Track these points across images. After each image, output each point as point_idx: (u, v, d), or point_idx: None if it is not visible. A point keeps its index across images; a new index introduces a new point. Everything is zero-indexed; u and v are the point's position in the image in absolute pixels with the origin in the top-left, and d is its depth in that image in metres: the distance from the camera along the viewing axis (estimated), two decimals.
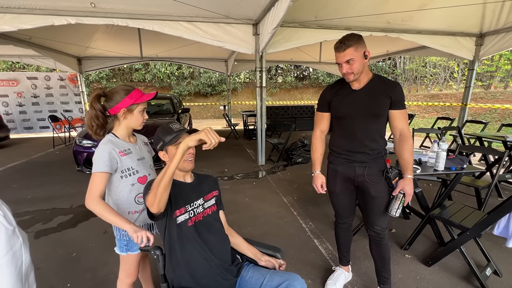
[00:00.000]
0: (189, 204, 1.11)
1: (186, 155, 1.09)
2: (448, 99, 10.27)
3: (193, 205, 1.12)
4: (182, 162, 1.08)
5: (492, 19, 4.48)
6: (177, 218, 1.05)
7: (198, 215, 1.12)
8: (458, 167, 2.01)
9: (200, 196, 1.16)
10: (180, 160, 0.91)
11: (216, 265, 1.08)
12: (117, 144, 1.18)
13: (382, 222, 1.51)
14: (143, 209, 1.24)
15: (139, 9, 3.70)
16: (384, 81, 1.44)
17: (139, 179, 1.23)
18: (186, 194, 1.12)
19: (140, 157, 1.26)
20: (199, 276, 1.05)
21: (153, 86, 14.23)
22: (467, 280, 1.82)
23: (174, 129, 1.10)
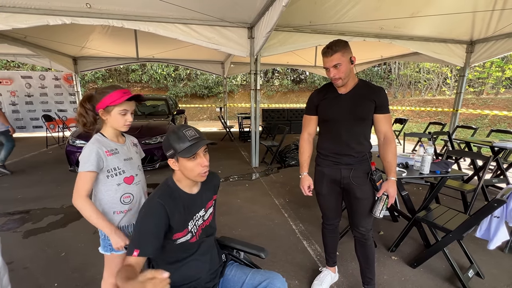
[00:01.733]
0: (192, 219, 1.05)
1: (201, 168, 0.99)
2: (441, 104, 10.44)
3: (195, 219, 1.06)
4: (196, 174, 1.00)
5: (482, 28, 4.59)
6: (176, 240, 1.01)
7: (199, 228, 1.08)
8: (443, 170, 2.06)
9: (202, 206, 1.11)
10: None
11: (208, 269, 1.09)
12: (104, 143, 1.18)
13: (367, 224, 1.54)
14: (128, 209, 1.24)
15: (135, 10, 3.72)
16: (369, 86, 1.48)
17: (125, 179, 1.23)
18: (192, 209, 1.05)
19: (128, 158, 1.26)
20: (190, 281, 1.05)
21: (150, 87, 14.23)
22: (450, 282, 1.86)
23: (189, 137, 0.96)
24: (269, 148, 5.07)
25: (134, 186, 1.26)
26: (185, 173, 1.00)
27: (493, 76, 10.88)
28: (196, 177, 1.01)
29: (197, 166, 0.98)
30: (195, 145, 0.96)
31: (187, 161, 0.97)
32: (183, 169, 0.99)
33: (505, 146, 3.14)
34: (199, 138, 0.99)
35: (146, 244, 0.92)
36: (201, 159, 0.99)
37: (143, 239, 0.93)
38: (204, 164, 1.00)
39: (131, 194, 1.24)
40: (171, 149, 0.98)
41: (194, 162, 0.98)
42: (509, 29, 4.38)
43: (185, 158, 0.96)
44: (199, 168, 0.99)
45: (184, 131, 0.98)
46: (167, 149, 0.99)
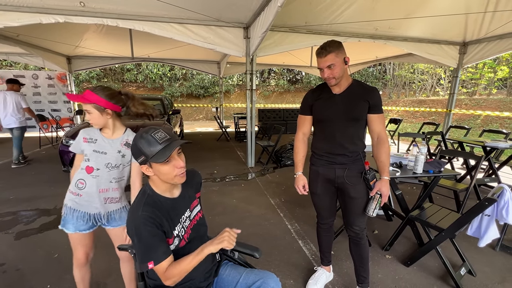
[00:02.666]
0: (178, 223, 1.02)
1: (176, 169, 0.95)
2: (435, 105, 10.57)
3: (181, 223, 1.03)
4: (173, 177, 0.96)
5: (474, 29, 4.66)
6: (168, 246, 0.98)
7: (186, 232, 1.05)
8: (435, 170, 2.09)
9: (187, 207, 1.08)
10: (200, 260, 0.94)
11: (202, 269, 1.09)
12: (89, 132, 1.34)
13: (361, 223, 1.56)
14: (78, 194, 1.32)
15: (130, 9, 3.69)
16: (363, 87, 1.49)
17: (87, 168, 1.32)
18: (177, 212, 1.03)
19: (100, 151, 1.32)
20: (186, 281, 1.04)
21: (145, 87, 14.13)
22: (443, 280, 1.88)
23: (159, 140, 0.91)
24: (265, 148, 5.07)
25: (90, 178, 1.32)
26: (161, 177, 0.96)
27: (485, 77, 11.05)
28: (173, 179, 0.96)
29: (172, 169, 0.94)
30: (168, 148, 0.91)
31: (161, 166, 0.92)
32: (158, 174, 0.95)
33: (496, 146, 3.19)
34: (171, 139, 0.93)
35: (155, 253, 0.91)
36: (175, 161, 0.95)
37: (149, 251, 0.91)
38: (179, 165, 0.95)
39: (85, 182, 1.32)
40: (141, 155, 0.92)
41: (168, 166, 0.93)
42: (501, 30, 4.46)
43: (158, 163, 0.91)
44: (175, 171, 0.94)
45: (153, 134, 0.92)
46: (137, 156, 0.94)
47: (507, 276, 1.93)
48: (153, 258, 0.90)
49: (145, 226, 0.91)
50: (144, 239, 0.91)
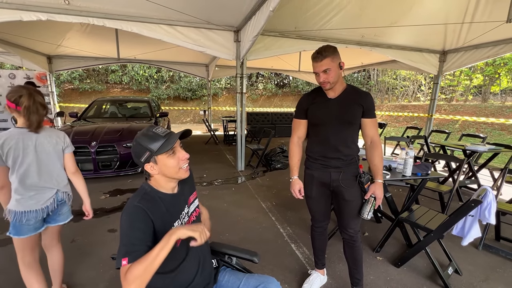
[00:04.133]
0: (178, 218, 1.01)
1: (181, 161, 0.98)
2: (416, 110, 11.02)
3: (180, 219, 1.03)
4: (178, 170, 0.98)
5: (453, 39, 4.92)
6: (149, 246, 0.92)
7: None
8: (423, 173, 2.16)
9: (185, 203, 1.09)
10: (169, 250, 0.83)
11: (198, 276, 1.05)
12: None
13: (355, 225, 1.58)
14: None
15: (117, 9, 3.60)
16: (357, 91, 1.53)
17: None
18: (176, 208, 1.02)
19: None
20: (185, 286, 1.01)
21: (130, 89, 13.76)
22: (431, 279, 1.94)
23: (161, 134, 0.95)
24: (255, 151, 5.07)
25: None
26: (167, 172, 0.97)
27: (462, 84, 11.67)
28: (179, 173, 0.99)
29: (177, 162, 0.97)
30: (172, 138, 0.94)
31: (167, 159, 0.95)
32: (164, 168, 0.96)
33: (476, 149, 3.36)
34: (171, 133, 0.98)
35: (133, 251, 0.84)
36: (180, 153, 0.99)
37: (128, 247, 0.85)
38: (185, 157, 0.99)
39: None
40: (146, 151, 0.94)
41: (174, 158, 0.97)
42: (477, 41, 4.73)
43: (165, 155, 0.94)
44: (181, 163, 0.98)
45: (154, 130, 0.96)
46: (141, 154, 0.94)
47: (490, 274, 2.02)
48: (129, 256, 0.83)
49: (135, 220, 0.88)
50: (129, 233, 0.87)
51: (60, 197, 1.51)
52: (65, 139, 1.52)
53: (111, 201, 3.25)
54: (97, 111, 5.49)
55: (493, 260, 2.20)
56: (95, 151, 3.80)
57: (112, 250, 2.23)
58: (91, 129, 4.17)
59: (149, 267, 0.81)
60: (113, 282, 1.86)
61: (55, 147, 1.46)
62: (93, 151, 3.79)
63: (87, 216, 1.65)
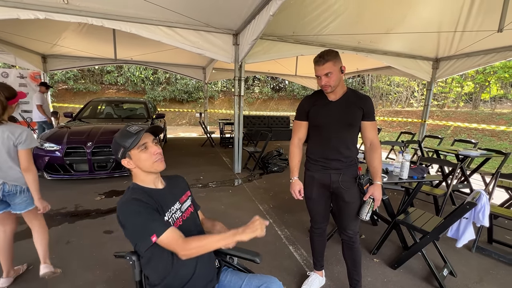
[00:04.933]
0: (168, 211, 1.05)
1: (154, 156, 1.05)
2: (410, 115, 11.22)
3: (171, 211, 1.07)
4: (152, 163, 1.05)
5: (446, 47, 5.06)
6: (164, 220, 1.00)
7: (178, 221, 1.08)
8: (419, 176, 2.21)
9: (176, 200, 1.13)
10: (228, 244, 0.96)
11: (201, 274, 1.06)
12: None
13: (355, 226, 1.60)
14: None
15: (117, 10, 3.60)
16: (357, 95, 1.56)
17: None
18: (163, 202, 1.06)
19: None
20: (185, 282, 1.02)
21: (126, 90, 13.66)
22: (427, 281, 1.97)
23: (133, 132, 1.03)
24: (252, 154, 5.08)
25: None
26: (141, 166, 1.05)
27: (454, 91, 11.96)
28: (153, 165, 1.06)
29: (150, 156, 1.05)
30: (139, 134, 1.03)
31: (140, 153, 1.04)
32: (138, 163, 1.04)
33: (469, 154, 3.44)
34: (142, 130, 1.05)
35: (156, 224, 0.93)
36: (152, 148, 1.06)
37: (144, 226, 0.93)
38: (156, 151, 1.06)
39: None
40: (120, 148, 1.03)
41: (146, 153, 1.05)
42: (469, 49, 4.87)
43: (137, 150, 1.03)
44: (153, 157, 1.05)
45: (128, 129, 1.05)
46: (117, 151, 1.04)
47: (484, 276, 2.07)
48: (155, 230, 0.92)
49: (139, 205, 0.95)
50: (141, 216, 0.93)
51: (8, 188, 1.61)
52: (21, 136, 1.59)
53: (106, 202, 3.21)
54: (92, 112, 5.44)
55: (486, 262, 2.24)
56: (90, 152, 3.76)
57: (109, 251, 2.21)
58: (87, 129, 4.12)
59: (205, 245, 0.94)
60: (110, 283, 1.84)
61: (3, 142, 1.55)
62: (89, 151, 3.74)
63: (39, 210, 1.72)
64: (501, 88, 10.58)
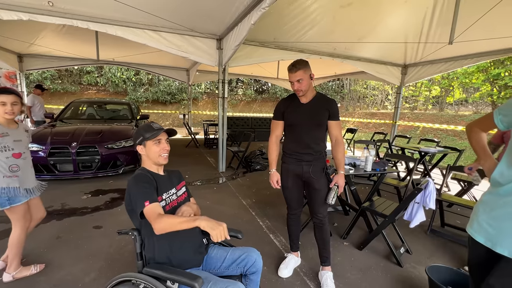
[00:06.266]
0: (166, 192, 1.28)
1: (162, 150, 1.31)
2: (384, 117, 11.94)
3: (168, 193, 1.29)
4: (158, 156, 1.31)
5: (412, 55, 5.57)
6: None
7: (173, 202, 1.30)
8: (381, 168, 2.53)
9: (173, 186, 1.36)
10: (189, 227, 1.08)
11: (190, 244, 1.26)
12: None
13: (324, 210, 1.87)
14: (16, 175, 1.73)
15: (103, 13, 3.68)
16: (325, 98, 1.84)
17: (14, 155, 1.74)
18: (162, 185, 1.29)
19: (17, 139, 1.77)
20: (177, 253, 1.22)
21: (107, 91, 13.37)
22: (387, 258, 2.29)
23: (154, 128, 1.31)
24: (236, 153, 5.29)
25: (21, 160, 1.78)
26: (150, 155, 1.30)
27: (423, 95, 12.88)
28: (159, 158, 1.31)
29: (159, 150, 1.31)
30: (159, 131, 1.30)
31: (153, 145, 1.29)
32: (149, 152, 1.30)
33: (428, 151, 3.88)
34: (162, 129, 1.33)
35: (150, 194, 1.15)
36: (163, 144, 1.32)
37: (145, 193, 1.15)
38: (165, 148, 1.32)
39: (18, 165, 1.75)
40: (140, 136, 1.29)
41: (158, 147, 1.30)
42: (431, 57, 5.41)
43: (151, 142, 1.29)
44: (162, 151, 1.31)
45: (152, 124, 1.34)
46: (137, 138, 1.30)
47: (435, 253, 2.42)
48: (149, 199, 1.13)
49: (143, 177, 1.22)
50: (141, 185, 1.18)
51: None
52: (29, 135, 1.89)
53: (93, 201, 3.28)
54: (74, 113, 5.40)
55: (438, 242, 2.61)
56: (75, 152, 3.80)
57: (101, 244, 2.33)
58: (71, 130, 4.14)
59: (173, 223, 1.08)
60: (103, 271, 1.97)
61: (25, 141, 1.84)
62: (74, 151, 3.78)
63: None
64: (463, 92, 11.57)
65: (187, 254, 1.24)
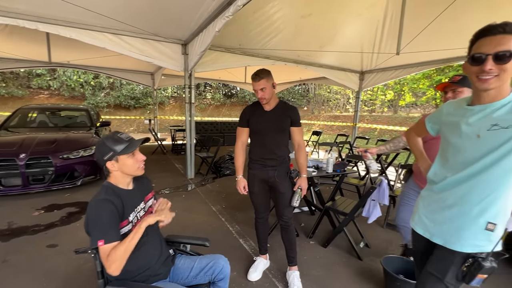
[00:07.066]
0: (133, 211, 1.20)
1: (139, 162, 1.23)
2: (346, 119, 12.74)
3: (135, 211, 1.22)
4: (136, 169, 1.22)
5: (368, 62, 6.05)
6: (120, 230, 1.12)
7: (139, 221, 1.23)
8: (341, 169, 2.72)
9: (141, 199, 1.29)
10: (140, 235, 1.05)
11: (155, 257, 1.24)
12: None
13: (289, 212, 1.96)
14: None
15: (54, 14, 3.42)
16: (286, 106, 1.94)
17: None
18: (131, 203, 1.21)
19: None
20: (142, 267, 1.19)
21: (61, 95, 12.28)
22: (349, 253, 2.46)
23: (125, 138, 1.20)
24: (205, 159, 5.23)
25: None
26: (125, 169, 1.20)
27: (379, 99, 14.01)
28: (136, 171, 1.23)
29: (135, 162, 1.22)
30: (132, 143, 1.19)
31: (127, 159, 1.19)
32: (123, 166, 1.19)
33: None
34: (132, 139, 1.23)
35: (108, 232, 1.05)
36: (138, 155, 1.24)
37: (102, 230, 1.04)
38: (141, 158, 1.25)
39: None
40: (110, 151, 1.16)
41: (133, 159, 1.21)
42: (384, 65, 5.95)
43: (125, 156, 1.18)
44: (138, 163, 1.23)
45: (119, 135, 1.20)
46: (105, 153, 1.16)
47: (389, 245, 2.66)
48: (104, 238, 1.03)
49: (106, 209, 1.07)
50: (102, 219, 1.06)
51: None
52: None
53: (47, 217, 3.01)
54: (22, 121, 4.89)
55: (393, 235, 2.87)
56: (24, 164, 3.44)
57: (57, 263, 2.16)
58: (18, 140, 3.75)
59: (126, 249, 1.03)
60: None
61: None
62: (22, 164, 3.43)
63: None
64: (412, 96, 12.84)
65: (153, 267, 1.22)
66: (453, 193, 1.09)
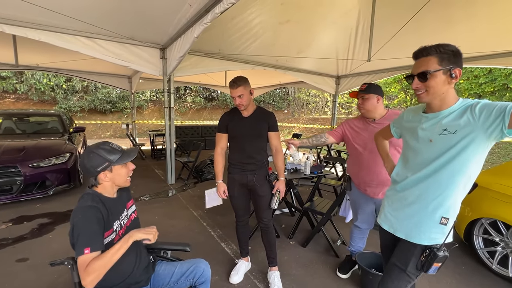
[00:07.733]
0: (117, 219, 1.20)
1: (130, 172, 1.25)
2: (325, 122, 13.15)
3: (120, 219, 1.22)
4: (126, 179, 1.23)
5: (343, 67, 6.33)
6: (104, 240, 1.10)
7: (123, 228, 1.23)
8: (318, 171, 2.84)
9: (124, 206, 1.30)
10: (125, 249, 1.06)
11: (135, 265, 1.24)
12: None
13: (268, 215, 2.02)
14: None
15: (22, 16, 3.26)
16: (264, 112, 2.01)
17: None
18: (114, 209, 1.20)
19: None
20: (122, 276, 1.18)
21: (29, 100, 11.55)
22: (327, 252, 2.56)
23: (117, 148, 1.20)
24: (185, 164, 5.18)
25: None
26: (116, 179, 1.20)
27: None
28: (126, 181, 1.24)
29: (127, 171, 1.23)
30: (127, 153, 1.21)
31: (121, 168, 1.20)
32: (117, 176, 1.19)
33: None
34: (123, 148, 1.24)
35: (94, 241, 1.04)
36: (130, 164, 1.26)
37: (90, 238, 1.03)
38: (132, 168, 1.27)
39: None
40: (105, 162, 1.15)
41: (126, 168, 1.22)
42: (358, 70, 6.25)
43: (119, 166, 1.19)
44: (129, 172, 1.24)
45: (110, 145, 1.20)
46: (99, 164, 1.14)
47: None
48: (91, 246, 1.02)
49: (92, 216, 1.06)
50: (88, 227, 1.04)
51: None
52: None
53: (16, 230, 2.84)
54: None
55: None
56: None
57: (28, 279, 2.05)
58: None
59: (108, 262, 1.02)
60: None
61: None
62: None
63: None
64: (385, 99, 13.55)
65: (133, 275, 1.22)
66: (412, 192, 1.22)
